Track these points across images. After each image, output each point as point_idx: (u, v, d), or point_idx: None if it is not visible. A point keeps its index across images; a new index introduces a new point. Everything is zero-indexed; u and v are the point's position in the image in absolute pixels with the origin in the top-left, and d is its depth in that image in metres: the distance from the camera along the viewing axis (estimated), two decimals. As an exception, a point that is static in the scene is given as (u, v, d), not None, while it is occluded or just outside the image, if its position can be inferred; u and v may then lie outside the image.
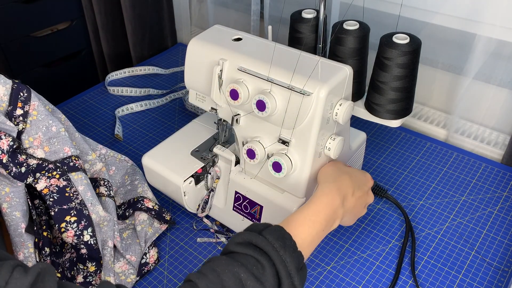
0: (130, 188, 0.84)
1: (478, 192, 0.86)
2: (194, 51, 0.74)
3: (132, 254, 0.75)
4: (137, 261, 0.74)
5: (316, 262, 0.75)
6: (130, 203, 0.81)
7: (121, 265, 0.75)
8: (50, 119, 0.72)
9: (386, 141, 0.99)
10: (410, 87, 0.70)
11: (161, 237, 0.80)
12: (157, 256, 0.76)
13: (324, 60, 0.68)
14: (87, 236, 0.69)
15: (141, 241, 0.76)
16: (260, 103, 0.65)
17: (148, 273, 0.75)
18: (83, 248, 0.69)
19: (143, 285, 0.73)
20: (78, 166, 0.72)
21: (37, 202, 0.72)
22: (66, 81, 1.42)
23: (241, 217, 0.76)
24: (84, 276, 0.70)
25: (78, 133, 0.79)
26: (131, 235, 0.78)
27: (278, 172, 0.68)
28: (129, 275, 0.74)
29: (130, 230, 0.79)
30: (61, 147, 0.72)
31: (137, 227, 0.78)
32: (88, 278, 0.70)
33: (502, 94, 0.93)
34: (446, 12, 0.91)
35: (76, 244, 0.69)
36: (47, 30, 1.33)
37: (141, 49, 1.32)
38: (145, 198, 0.81)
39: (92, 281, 0.70)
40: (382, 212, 0.83)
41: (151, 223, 0.79)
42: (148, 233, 0.77)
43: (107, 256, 0.73)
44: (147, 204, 0.79)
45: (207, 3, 1.33)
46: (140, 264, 0.74)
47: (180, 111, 1.10)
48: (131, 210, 0.80)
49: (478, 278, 0.72)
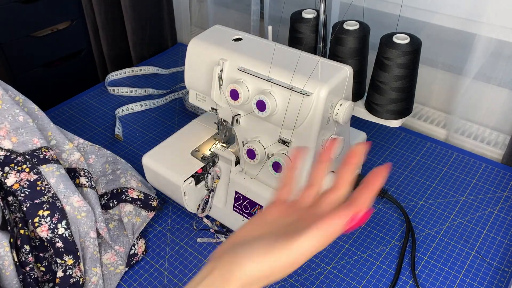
0: (112, 178, 0.83)
1: (478, 192, 0.86)
2: (194, 51, 0.74)
3: (120, 245, 0.75)
4: (126, 252, 0.74)
5: (316, 262, 0.75)
6: (113, 194, 0.80)
7: (109, 256, 0.74)
8: (16, 109, 0.70)
9: (386, 141, 0.99)
10: (410, 87, 0.70)
11: (161, 237, 0.80)
12: (144, 247, 0.76)
13: (324, 60, 0.68)
14: (62, 229, 0.68)
15: (128, 232, 0.76)
16: (260, 103, 0.65)
17: (137, 263, 0.75)
18: (58, 242, 0.68)
19: (143, 285, 0.73)
20: (48, 158, 0.71)
21: (11, 199, 0.71)
22: (66, 81, 1.42)
23: (241, 217, 0.76)
24: (64, 270, 0.69)
25: (53, 124, 0.78)
26: (117, 226, 0.78)
27: (278, 172, 0.68)
28: (117, 266, 0.74)
29: (116, 222, 0.79)
30: (30, 138, 0.71)
31: (123, 219, 0.78)
32: (68, 272, 0.69)
33: (502, 94, 0.93)
34: (446, 12, 0.91)
35: (51, 238, 0.68)
36: (47, 30, 1.33)
37: (141, 49, 1.32)
38: (129, 189, 0.80)
39: (72, 273, 0.69)
40: (382, 212, 0.83)
41: (138, 213, 0.79)
42: (137, 224, 0.77)
43: (91, 247, 0.72)
44: (132, 195, 0.79)
45: (207, 3, 1.33)
46: (128, 255, 0.74)
47: (180, 111, 1.10)
48: (115, 201, 0.79)
49: (478, 278, 0.72)
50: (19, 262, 0.66)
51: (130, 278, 0.74)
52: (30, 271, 0.67)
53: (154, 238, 0.80)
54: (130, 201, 0.79)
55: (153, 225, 0.82)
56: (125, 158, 0.96)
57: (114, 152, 0.98)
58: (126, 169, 0.85)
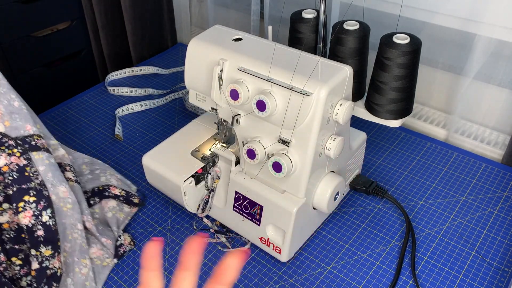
0: (91, 177, 0.83)
1: (478, 192, 0.86)
2: (194, 51, 0.74)
3: (107, 238, 0.75)
4: (113, 244, 0.75)
5: (316, 262, 0.75)
6: (94, 192, 0.81)
7: (95, 251, 0.75)
8: (13, 94, 0.70)
9: (386, 141, 0.99)
10: (410, 87, 0.70)
11: (161, 237, 0.80)
12: (130, 239, 0.77)
13: (324, 60, 0.68)
14: (46, 217, 0.68)
15: (113, 226, 0.77)
16: (260, 103, 0.65)
17: (125, 254, 0.76)
18: (40, 230, 0.67)
19: (143, 285, 0.73)
20: (40, 146, 0.71)
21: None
22: (66, 81, 1.42)
23: (241, 217, 0.76)
24: (40, 262, 0.68)
25: (39, 119, 0.78)
26: (100, 223, 0.79)
27: (278, 172, 0.68)
28: (104, 259, 0.74)
29: (97, 220, 0.79)
30: (23, 124, 0.70)
31: (107, 214, 0.79)
32: (45, 263, 0.68)
33: (502, 94, 0.93)
34: (446, 12, 0.91)
35: (32, 226, 0.67)
36: (47, 30, 1.33)
37: (141, 49, 1.32)
38: (110, 186, 0.81)
39: (49, 265, 0.68)
40: (382, 212, 0.83)
41: (121, 208, 0.80)
42: (120, 218, 0.78)
43: (79, 239, 0.72)
44: (114, 192, 0.80)
45: (207, 3, 1.33)
46: (115, 246, 0.75)
47: (180, 111, 1.10)
48: (97, 198, 0.80)
49: (478, 278, 0.72)
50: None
51: (130, 278, 0.74)
52: (4, 271, 0.66)
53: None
54: (113, 197, 0.80)
55: (153, 225, 0.82)
56: (125, 158, 0.96)
57: (114, 152, 0.98)
58: (104, 169, 0.86)
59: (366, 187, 0.84)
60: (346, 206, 0.84)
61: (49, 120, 1.07)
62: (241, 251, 0.39)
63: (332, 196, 0.72)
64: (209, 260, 0.76)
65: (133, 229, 0.81)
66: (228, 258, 0.39)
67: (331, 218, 0.82)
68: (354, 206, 0.84)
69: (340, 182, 0.73)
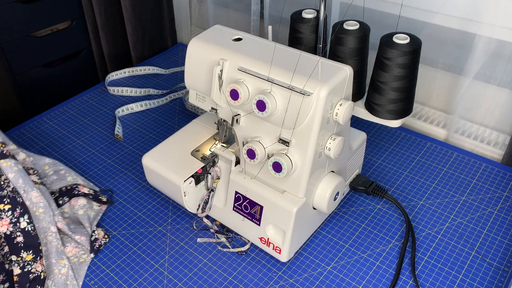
0: (56, 178, 0.84)
1: (478, 192, 0.86)
2: (194, 51, 0.74)
3: (80, 235, 0.76)
4: (87, 240, 0.76)
5: (316, 262, 0.75)
6: (62, 192, 0.81)
7: (70, 249, 0.75)
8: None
9: (386, 141, 0.99)
10: (410, 87, 0.70)
11: (161, 237, 0.80)
12: (104, 233, 0.78)
13: (324, 60, 0.68)
14: (24, 223, 0.68)
15: (85, 223, 0.78)
16: (260, 103, 0.65)
17: (101, 248, 0.77)
18: (19, 236, 0.68)
19: (143, 285, 0.73)
20: (6, 153, 0.71)
21: None
22: (66, 81, 1.42)
23: (241, 217, 0.76)
24: (21, 267, 0.68)
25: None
26: (71, 222, 0.79)
27: (278, 172, 0.68)
28: (80, 256, 0.75)
29: (67, 219, 0.79)
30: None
31: (78, 212, 0.79)
32: (26, 268, 0.69)
33: (502, 94, 0.93)
34: (446, 12, 0.91)
35: (11, 233, 0.68)
36: (47, 30, 1.33)
37: (141, 49, 1.32)
38: (79, 185, 0.82)
39: (31, 269, 0.69)
40: (382, 212, 0.83)
41: (90, 206, 0.81)
42: (91, 216, 0.79)
43: (54, 241, 0.73)
44: (83, 190, 0.81)
45: (207, 3, 1.33)
46: (90, 241, 0.76)
47: (180, 111, 1.10)
48: (66, 198, 0.80)
49: (478, 278, 0.72)
50: None
51: (130, 278, 0.74)
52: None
53: (154, 238, 0.80)
54: (83, 195, 0.81)
55: (153, 225, 0.82)
56: (125, 158, 0.96)
57: (114, 152, 0.98)
58: (69, 169, 0.87)
59: (366, 187, 0.84)
60: (346, 206, 0.84)
61: (49, 120, 1.07)
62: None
63: (332, 196, 0.72)
64: (209, 260, 0.76)
65: (133, 229, 0.81)
66: None
67: (331, 218, 0.82)
68: (354, 206, 0.84)
69: (340, 182, 0.73)
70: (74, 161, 0.96)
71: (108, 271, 0.75)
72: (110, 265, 0.76)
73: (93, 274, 0.74)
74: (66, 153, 0.98)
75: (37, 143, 1.01)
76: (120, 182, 0.91)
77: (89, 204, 0.82)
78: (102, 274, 0.74)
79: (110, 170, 0.94)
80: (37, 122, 1.07)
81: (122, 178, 0.92)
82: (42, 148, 1.00)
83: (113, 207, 0.86)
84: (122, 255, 0.77)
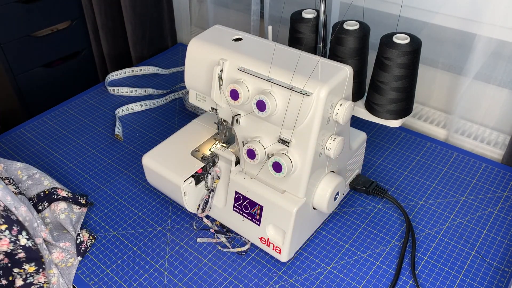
0: (32, 183, 0.83)
1: (478, 192, 0.86)
2: (194, 51, 0.74)
3: (65, 241, 0.76)
4: (73, 245, 0.76)
5: (316, 262, 0.75)
6: (40, 197, 0.81)
7: (57, 256, 0.75)
8: None
9: (386, 141, 0.99)
10: (410, 87, 0.70)
11: (161, 237, 0.80)
12: (88, 234, 0.78)
13: (324, 60, 0.68)
14: (24, 240, 0.68)
15: (68, 227, 0.77)
16: (260, 103, 0.65)
17: (88, 250, 0.78)
18: (20, 253, 0.68)
19: (143, 285, 0.73)
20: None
21: None
22: (66, 81, 1.42)
23: (241, 217, 0.76)
24: (24, 278, 0.69)
25: None
26: (53, 228, 0.79)
27: (278, 172, 0.68)
28: (67, 261, 0.75)
29: (49, 224, 0.79)
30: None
31: (60, 216, 0.79)
32: (29, 279, 0.70)
33: (502, 94, 0.93)
34: (446, 12, 0.91)
35: (12, 251, 0.68)
36: (47, 30, 1.33)
37: (141, 49, 1.32)
38: (57, 189, 0.82)
39: (33, 281, 0.70)
40: (382, 212, 0.83)
41: (71, 209, 0.81)
42: (73, 219, 0.79)
43: (42, 251, 0.73)
44: (62, 194, 0.81)
45: (207, 3, 1.33)
46: (76, 245, 0.76)
47: (180, 111, 1.10)
48: (46, 203, 0.80)
49: (478, 278, 0.72)
50: None
51: (130, 278, 0.74)
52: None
53: (154, 238, 0.80)
54: (62, 199, 0.81)
55: (153, 225, 0.82)
56: (125, 158, 0.96)
57: (114, 152, 0.98)
58: (43, 173, 0.86)
59: (366, 187, 0.84)
60: (346, 206, 0.84)
61: (49, 120, 1.07)
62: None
63: (332, 196, 0.72)
64: (209, 260, 0.76)
65: (133, 229, 0.81)
66: None
67: (331, 218, 0.82)
68: (354, 206, 0.84)
69: (340, 182, 0.73)
70: (74, 161, 0.96)
71: (108, 271, 0.75)
72: (110, 265, 0.76)
73: (93, 274, 0.74)
74: (66, 153, 0.98)
75: (37, 143, 1.01)
76: (120, 182, 0.91)
77: (70, 207, 0.81)
78: (102, 274, 0.75)
79: (110, 170, 0.94)
80: (37, 122, 1.07)
81: (122, 178, 0.92)
82: (42, 148, 1.00)
83: (113, 207, 0.86)
84: (122, 255, 0.77)
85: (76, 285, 0.74)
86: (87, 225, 0.82)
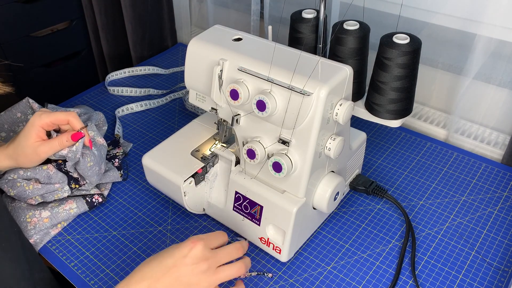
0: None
1: (478, 192, 0.86)
2: (194, 51, 0.74)
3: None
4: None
5: (316, 262, 0.75)
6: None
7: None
8: None
9: (386, 141, 0.99)
10: (410, 87, 0.70)
11: (161, 237, 0.80)
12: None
13: (324, 60, 0.68)
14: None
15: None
16: (260, 103, 0.65)
17: (96, 206, 0.84)
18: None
19: (143, 285, 0.73)
20: None
21: None
22: (66, 81, 1.42)
23: (241, 217, 0.76)
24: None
25: None
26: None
27: (278, 172, 0.68)
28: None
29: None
30: None
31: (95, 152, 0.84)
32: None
33: (502, 94, 0.93)
34: (446, 12, 0.91)
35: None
36: (47, 30, 1.33)
37: (141, 49, 1.32)
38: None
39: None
40: (382, 212, 0.83)
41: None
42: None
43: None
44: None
45: (207, 3, 1.33)
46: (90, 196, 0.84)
47: (180, 111, 1.10)
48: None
49: (478, 278, 0.72)
50: None
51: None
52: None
53: (154, 238, 0.80)
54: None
55: (153, 225, 0.82)
56: (125, 158, 0.96)
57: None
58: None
59: (366, 187, 0.84)
60: (346, 206, 0.84)
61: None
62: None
63: (332, 196, 0.72)
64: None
65: (133, 229, 0.81)
66: None
67: (331, 218, 0.82)
68: (354, 206, 0.84)
69: (340, 182, 0.73)
70: (74, 161, 0.96)
71: (108, 271, 0.75)
72: (110, 265, 0.76)
73: (93, 274, 0.74)
74: (66, 153, 0.98)
75: (37, 143, 1.01)
76: (120, 182, 0.91)
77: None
78: (102, 274, 0.74)
79: (110, 170, 0.94)
80: (37, 122, 1.07)
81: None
82: (42, 148, 1.00)
83: (113, 207, 0.86)
84: (122, 255, 0.77)
85: (76, 285, 0.73)
86: (87, 225, 0.82)
